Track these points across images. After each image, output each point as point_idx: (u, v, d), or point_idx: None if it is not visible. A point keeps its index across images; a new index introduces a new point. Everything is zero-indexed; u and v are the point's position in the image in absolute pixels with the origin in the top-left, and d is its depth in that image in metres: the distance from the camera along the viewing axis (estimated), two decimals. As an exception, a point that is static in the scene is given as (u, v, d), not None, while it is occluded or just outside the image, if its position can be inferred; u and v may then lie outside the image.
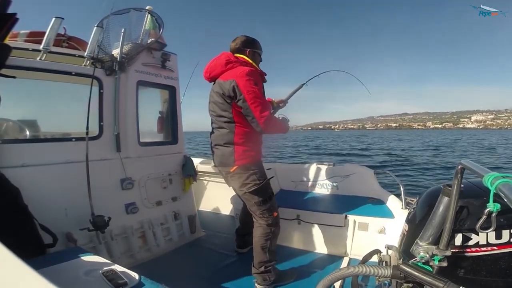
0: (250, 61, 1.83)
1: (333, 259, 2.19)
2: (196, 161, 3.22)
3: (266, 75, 1.88)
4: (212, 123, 1.92)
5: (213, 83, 1.88)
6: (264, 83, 1.85)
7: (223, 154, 1.78)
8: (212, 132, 1.92)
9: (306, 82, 2.48)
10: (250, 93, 1.63)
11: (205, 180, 3.57)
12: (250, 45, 1.85)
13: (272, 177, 1.94)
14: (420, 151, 22.51)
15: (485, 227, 0.81)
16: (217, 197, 3.47)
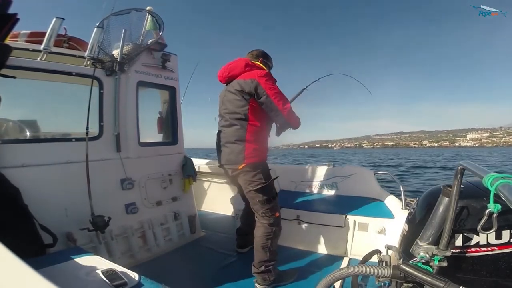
0: (264, 67, 2.00)
1: (333, 259, 2.19)
2: (196, 161, 3.22)
3: (276, 81, 1.98)
4: (220, 123, 1.97)
5: (225, 84, 1.99)
6: None
7: (232, 151, 1.82)
8: (220, 132, 1.96)
9: (307, 86, 2.59)
10: (272, 89, 1.80)
11: (205, 180, 3.57)
12: (263, 56, 2.07)
13: (277, 177, 1.97)
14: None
15: (486, 228, 0.81)
16: (217, 197, 3.47)
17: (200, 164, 3.34)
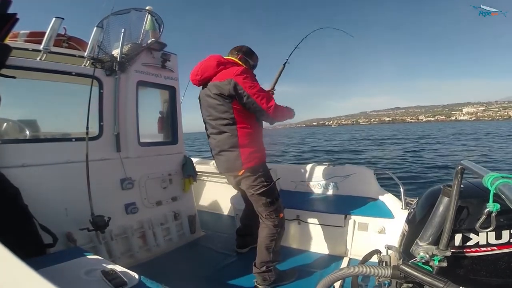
0: (240, 62, 1.85)
1: (333, 259, 2.19)
2: (196, 161, 3.22)
3: (255, 76, 1.87)
4: (208, 129, 1.87)
5: (201, 87, 1.86)
6: None
7: (229, 159, 1.75)
8: (210, 139, 1.86)
9: (287, 59, 2.40)
10: (252, 88, 1.66)
11: (205, 180, 3.57)
12: (245, 54, 1.91)
13: (279, 178, 1.94)
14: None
15: (484, 227, 0.81)
16: (217, 197, 3.47)
17: (200, 163, 3.33)
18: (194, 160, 3.07)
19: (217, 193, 3.47)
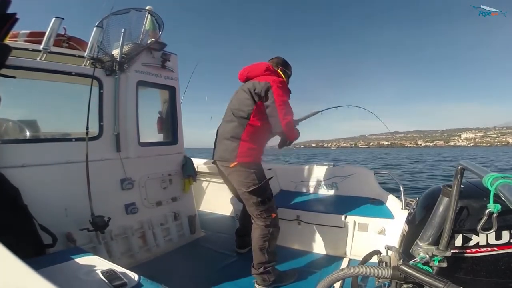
0: (283, 76, 2.03)
1: (333, 259, 2.19)
2: (196, 161, 3.22)
3: (290, 93, 1.99)
4: (224, 118, 1.99)
5: (242, 83, 2.03)
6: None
7: (227, 149, 1.81)
8: (220, 126, 1.98)
9: (322, 110, 2.53)
10: (280, 97, 1.80)
11: (205, 180, 3.57)
12: (283, 65, 2.10)
13: (272, 177, 1.95)
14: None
15: (485, 228, 0.81)
16: (217, 197, 3.47)
17: (200, 164, 3.34)
18: (195, 160, 3.07)
19: (217, 194, 3.46)
